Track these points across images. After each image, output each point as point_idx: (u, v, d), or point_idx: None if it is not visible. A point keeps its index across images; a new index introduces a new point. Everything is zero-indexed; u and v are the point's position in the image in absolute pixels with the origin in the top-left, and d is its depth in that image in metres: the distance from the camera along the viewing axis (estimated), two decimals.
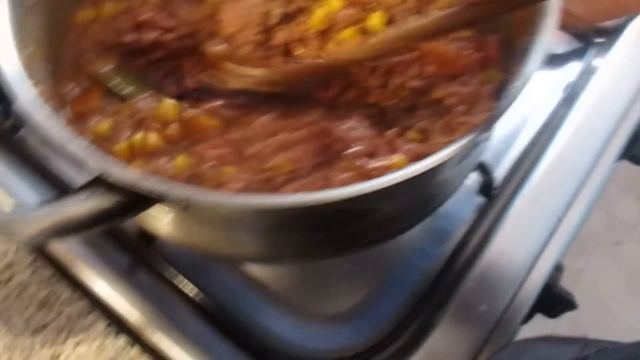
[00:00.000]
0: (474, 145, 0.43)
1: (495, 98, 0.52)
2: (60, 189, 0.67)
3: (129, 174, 0.38)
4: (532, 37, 0.48)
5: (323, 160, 0.47)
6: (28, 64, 0.47)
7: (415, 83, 0.55)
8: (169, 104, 0.52)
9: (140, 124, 0.53)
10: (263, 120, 0.52)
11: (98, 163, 0.39)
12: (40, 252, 0.65)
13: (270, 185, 0.46)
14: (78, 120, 0.52)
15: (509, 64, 0.53)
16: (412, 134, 0.52)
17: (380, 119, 0.53)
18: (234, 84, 0.55)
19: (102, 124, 0.52)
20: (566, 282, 0.67)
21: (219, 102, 0.54)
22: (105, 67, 0.56)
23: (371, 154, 0.48)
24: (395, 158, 0.47)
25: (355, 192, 0.38)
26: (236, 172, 0.46)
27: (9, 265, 0.64)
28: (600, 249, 1.64)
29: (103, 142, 0.50)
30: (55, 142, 0.41)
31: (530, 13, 0.50)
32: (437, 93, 0.54)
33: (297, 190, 0.45)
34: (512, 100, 0.42)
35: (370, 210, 0.48)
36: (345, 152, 0.48)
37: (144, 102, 0.54)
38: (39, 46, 0.52)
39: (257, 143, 0.48)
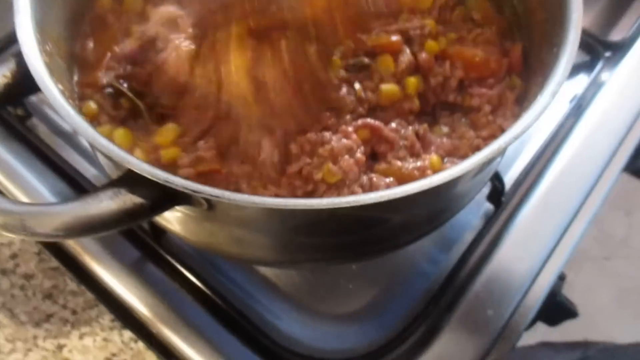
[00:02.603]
0: (500, 152, 0.43)
1: (518, 104, 0.53)
2: (70, 180, 0.67)
3: (161, 172, 0.38)
4: (554, 50, 0.48)
5: (367, 166, 0.47)
6: (49, 61, 0.47)
7: (457, 99, 0.55)
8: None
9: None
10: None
11: (128, 160, 0.39)
12: (46, 242, 0.64)
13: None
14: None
15: (529, 73, 0.54)
16: (439, 130, 0.53)
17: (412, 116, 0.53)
18: None
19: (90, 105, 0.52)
20: None
21: None
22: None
23: (410, 154, 0.48)
24: (430, 158, 0.48)
25: (398, 194, 0.39)
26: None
27: (14, 255, 0.64)
28: (590, 263, 1.65)
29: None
30: (85, 139, 0.40)
31: (550, 26, 0.51)
32: (465, 99, 0.55)
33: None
34: (544, 109, 0.43)
35: (390, 217, 0.48)
36: (387, 154, 0.48)
37: None
38: (55, 43, 0.52)
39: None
